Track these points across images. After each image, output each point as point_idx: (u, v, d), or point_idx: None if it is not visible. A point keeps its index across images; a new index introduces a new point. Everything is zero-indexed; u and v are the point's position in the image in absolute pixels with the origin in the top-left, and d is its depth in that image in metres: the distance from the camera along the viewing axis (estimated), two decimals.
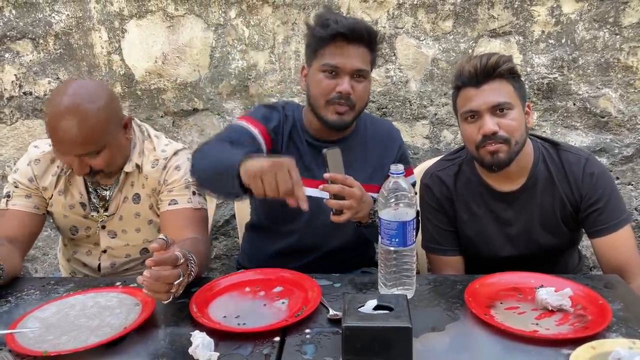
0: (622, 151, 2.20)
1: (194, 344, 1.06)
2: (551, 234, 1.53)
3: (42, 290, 1.39)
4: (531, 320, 1.18)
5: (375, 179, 1.63)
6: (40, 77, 2.35)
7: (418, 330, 1.12)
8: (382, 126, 1.77)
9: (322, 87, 1.52)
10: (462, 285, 1.32)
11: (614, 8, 2.07)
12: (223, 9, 2.23)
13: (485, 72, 1.40)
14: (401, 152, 1.71)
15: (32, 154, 1.61)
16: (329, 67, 1.51)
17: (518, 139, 1.43)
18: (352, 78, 1.52)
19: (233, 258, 2.46)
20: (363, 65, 1.52)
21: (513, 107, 1.42)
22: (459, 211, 1.58)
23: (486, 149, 1.42)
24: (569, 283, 1.28)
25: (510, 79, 1.43)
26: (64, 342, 1.12)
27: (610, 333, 1.11)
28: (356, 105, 1.55)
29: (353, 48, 1.50)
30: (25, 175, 1.58)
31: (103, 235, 1.64)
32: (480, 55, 1.43)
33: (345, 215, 1.34)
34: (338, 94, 1.51)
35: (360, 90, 1.54)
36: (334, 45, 1.50)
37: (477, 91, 1.41)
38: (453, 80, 1.49)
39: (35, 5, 2.28)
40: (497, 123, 1.40)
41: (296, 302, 1.27)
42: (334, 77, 1.52)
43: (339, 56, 1.50)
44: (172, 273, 1.14)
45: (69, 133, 1.39)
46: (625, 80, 2.14)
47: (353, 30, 1.48)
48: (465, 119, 1.46)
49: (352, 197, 1.33)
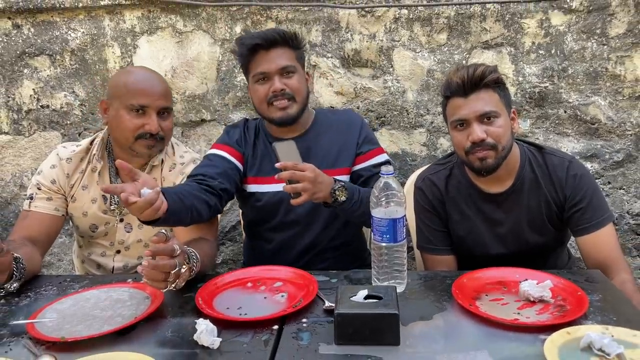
0: (612, 156, 2.28)
1: (198, 330, 1.15)
2: (538, 233, 1.61)
3: (59, 287, 1.49)
4: (513, 310, 1.25)
5: (340, 163, 1.75)
6: (57, 91, 2.48)
7: (407, 319, 1.21)
8: (341, 114, 1.90)
9: (259, 93, 1.70)
10: (451, 281, 1.39)
11: (601, 20, 2.17)
12: (229, 25, 2.35)
13: (472, 83, 1.48)
14: (364, 134, 1.80)
15: (62, 153, 1.72)
16: (259, 74, 1.69)
17: (505, 144, 1.51)
18: (282, 76, 1.68)
19: (239, 263, 2.55)
20: (287, 62, 1.68)
21: (499, 114, 1.50)
22: (450, 212, 1.67)
23: (475, 155, 1.50)
24: (551, 277, 1.35)
25: (495, 88, 1.51)
26: (79, 330, 1.21)
27: (587, 321, 1.18)
28: (296, 97, 1.69)
29: (273, 52, 1.67)
30: (49, 178, 1.69)
31: (120, 229, 1.73)
32: (467, 67, 1.51)
33: (303, 197, 1.46)
34: (273, 93, 1.67)
35: (294, 82, 1.69)
36: (256, 56, 1.68)
37: (465, 101, 1.49)
38: (442, 90, 1.58)
39: (53, 23, 2.41)
40: (485, 130, 1.48)
41: (295, 295, 1.36)
42: (265, 82, 1.69)
43: (263, 63, 1.67)
44: (169, 263, 1.23)
45: (155, 83, 1.64)
46: (613, 88, 2.22)
47: (265, 38, 1.66)
48: (454, 127, 1.54)
49: (304, 180, 1.45)
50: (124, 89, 1.63)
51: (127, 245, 1.75)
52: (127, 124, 1.62)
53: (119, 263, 1.76)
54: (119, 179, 1.72)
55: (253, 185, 1.76)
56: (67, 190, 1.71)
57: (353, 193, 1.57)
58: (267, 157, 1.76)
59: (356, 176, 1.76)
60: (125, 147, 1.66)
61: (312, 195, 1.47)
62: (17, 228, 1.66)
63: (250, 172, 1.77)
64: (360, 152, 1.77)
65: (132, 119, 1.62)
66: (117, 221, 1.73)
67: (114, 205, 1.72)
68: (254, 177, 1.76)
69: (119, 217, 1.73)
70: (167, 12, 2.36)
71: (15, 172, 2.58)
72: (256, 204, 1.77)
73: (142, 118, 1.62)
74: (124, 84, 1.65)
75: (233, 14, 2.33)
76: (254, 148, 1.79)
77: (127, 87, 1.63)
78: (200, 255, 1.38)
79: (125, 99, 1.62)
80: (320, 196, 1.50)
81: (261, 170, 1.76)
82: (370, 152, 1.78)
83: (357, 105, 2.36)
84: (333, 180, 1.55)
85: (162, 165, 1.74)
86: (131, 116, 1.62)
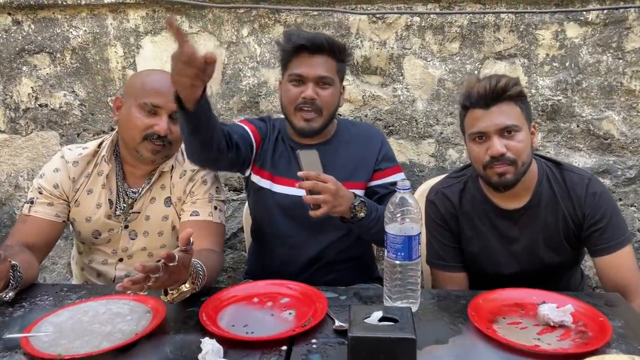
0: (624, 173, 2.23)
1: (203, 350, 1.09)
2: (554, 251, 1.56)
3: (55, 297, 1.43)
4: (533, 335, 1.20)
5: (358, 177, 1.71)
6: (56, 90, 2.42)
7: (422, 342, 1.15)
8: (363, 128, 1.86)
9: (290, 95, 1.65)
10: (465, 300, 1.34)
11: (617, 33, 2.12)
12: (236, 28, 2.29)
13: (495, 95, 1.43)
14: (384, 151, 1.77)
15: (68, 156, 1.66)
16: (295, 76, 1.64)
17: (525, 160, 1.46)
18: (317, 85, 1.63)
19: (239, 271, 2.49)
20: (326, 73, 1.63)
21: (520, 129, 1.45)
22: (463, 228, 1.61)
23: (494, 170, 1.45)
24: (570, 300, 1.30)
25: (518, 102, 1.46)
26: (77, 347, 1.15)
27: (610, 349, 1.13)
28: (323, 111, 1.65)
29: (316, 58, 1.62)
30: (51, 182, 1.63)
31: (124, 236, 1.67)
32: (489, 77, 1.46)
33: (323, 209, 1.42)
34: (303, 99, 1.62)
35: (326, 95, 1.64)
36: (298, 56, 1.63)
37: (486, 113, 1.44)
38: (461, 99, 1.52)
39: (54, 20, 2.35)
40: (505, 145, 1.43)
41: (303, 313, 1.30)
42: (300, 85, 1.64)
43: (303, 66, 1.62)
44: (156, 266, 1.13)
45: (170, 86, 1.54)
46: (628, 103, 2.18)
47: (313, 42, 1.61)
48: (473, 139, 1.49)
49: (326, 192, 1.40)
50: (139, 88, 1.60)
51: (131, 253, 1.69)
52: (137, 122, 1.57)
53: (120, 272, 1.70)
54: (125, 183, 1.67)
55: (268, 181, 1.72)
56: (71, 195, 1.65)
57: (371, 210, 1.53)
58: (284, 157, 1.73)
59: (371, 192, 1.72)
60: (131, 148, 1.60)
61: (331, 208, 1.43)
62: (14, 232, 1.60)
63: (267, 166, 1.73)
64: (379, 168, 1.73)
65: (143, 118, 1.57)
66: (122, 227, 1.67)
67: (119, 210, 1.66)
68: (270, 174, 1.72)
69: (124, 223, 1.66)
70: (172, 13, 2.30)
71: (11, 172, 2.51)
72: (268, 202, 1.72)
73: (152, 118, 1.57)
74: (140, 82, 1.61)
75: (240, 17, 2.28)
76: (274, 146, 1.75)
77: (143, 86, 1.59)
78: (208, 272, 1.32)
79: (139, 98, 1.58)
80: (339, 210, 1.46)
81: (278, 169, 1.72)
82: (388, 169, 1.74)
83: (365, 113, 2.30)
84: (353, 195, 1.51)
85: (172, 171, 1.68)
86: (142, 115, 1.57)
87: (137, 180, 1.68)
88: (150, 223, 1.67)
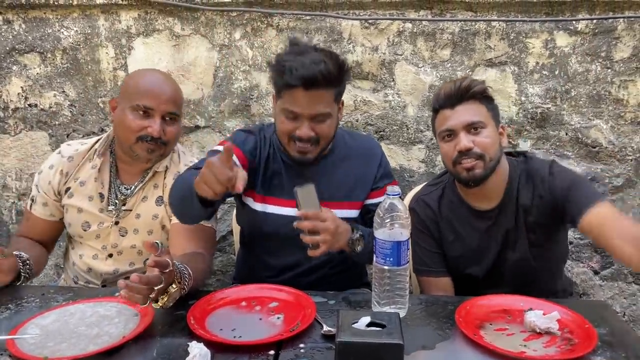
0: (612, 181, 2.25)
1: (191, 354, 1.09)
2: (536, 246, 1.58)
3: (41, 298, 1.42)
4: (519, 341, 1.21)
5: (355, 196, 1.66)
6: (46, 90, 2.40)
7: (409, 348, 1.15)
8: (361, 141, 1.76)
9: (284, 128, 1.54)
10: (453, 306, 1.35)
11: (606, 43, 2.15)
12: (228, 30, 2.29)
13: (460, 94, 1.51)
14: (382, 167, 1.71)
15: (64, 151, 1.71)
16: (289, 112, 1.51)
17: (492, 155, 1.51)
18: (312, 121, 1.51)
19: (228, 274, 2.48)
20: (323, 109, 1.51)
21: (486, 125, 1.51)
22: (444, 232, 1.64)
23: (462, 166, 1.51)
24: (556, 307, 1.32)
25: (483, 101, 1.53)
26: (63, 349, 1.14)
27: (596, 356, 1.15)
28: (320, 142, 1.55)
29: (312, 93, 1.47)
30: (46, 179, 1.70)
31: (114, 232, 1.68)
32: (455, 80, 1.55)
33: (322, 249, 1.38)
34: (298, 135, 1.52)
35: (324, 128, 1.54)
36: (292, 91, 1.47)
37: (452, 112, 1.51)
38: (431, 104, 1.60)
39: (45, 20, 2.33)
40: (472, 140, 1.50)
41: (291, 317, 1.30)
42: (294, 120, 1.52)
43: (297, 104, 1.48)
44: (158, 277, 1.18)
45: (165, 87, 1.61)
46: (616, 112, 2.20)
47: (306, 78, 1.44)
48: (442, 138, 1.56)
49: (325, 232, 1.37)
50: (133, 89, 1.61)
51: (120, 249, 1.69)
52: (130, 124, 1.59)
53: (109, 267, 1.70)
54: (118, 179, 1.70)
55: (260, 204, 1.65)
56: (63, 189, 1.69)
57: (369, 242, 1.46)
58: (277, 176, 1.65)
59: (366, 210, 1.67)
60: (126, 147, 1.63)
61: (331, 247, 1.40)
62: (22, 226, 1.76)
63: (257, 189, 1.65)
64: (377, 187, 1.68)
65: (136, 119, 1.59)
66: (112, 224, 1.68)
67: (111, 206, 1.68)
68: (262, 196, 1.65)
69: (115, 219, 1.68)
70: (164, 14, 2.30)
71: None
72: (260, 223, 1.67)
73: (145, 120, 1.59)
74: (134, 84, 1.63)
75: (233, 20, 2.27)
76: (266, 164, 1.65)
77: (137, 88, 1.61)
78: (193, 273, 1.32)
79: (133, 99, 1.59)
80: (337, 247, 1.45)
81: (270, 190, 1.65)
82: (385, 187, 1.69)
83: (356, 118, 2.31)
84: (351, 229, 1.48)
85: (166, 172, 1.70)
86: (135, 116, 1.59)
87: (130, 178, 1.70)
88: (141, 221, 1.68)
